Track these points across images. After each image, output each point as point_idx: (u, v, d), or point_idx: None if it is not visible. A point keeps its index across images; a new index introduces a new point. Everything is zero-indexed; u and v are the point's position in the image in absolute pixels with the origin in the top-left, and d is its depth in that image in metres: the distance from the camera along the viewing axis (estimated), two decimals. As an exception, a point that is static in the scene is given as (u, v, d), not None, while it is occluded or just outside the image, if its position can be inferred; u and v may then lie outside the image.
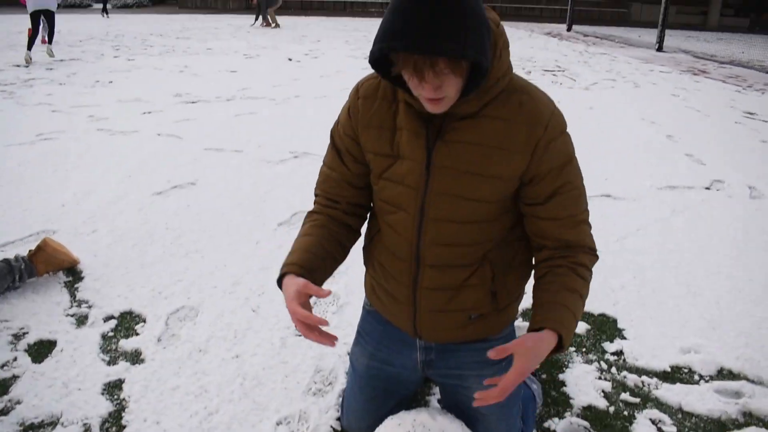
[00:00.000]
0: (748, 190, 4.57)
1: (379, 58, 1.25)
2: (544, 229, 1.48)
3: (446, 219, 1.45)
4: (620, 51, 15.75)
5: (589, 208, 1.53)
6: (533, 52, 14.48)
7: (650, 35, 19.90)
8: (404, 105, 1.44)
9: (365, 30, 19.65)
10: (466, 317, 1.57)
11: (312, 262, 1.49)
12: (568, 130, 1.47)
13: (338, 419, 2.04)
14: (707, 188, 4.57)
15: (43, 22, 10.89)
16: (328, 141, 1.63)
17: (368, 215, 1.68)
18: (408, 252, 1.51)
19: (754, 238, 3.68)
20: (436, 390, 2.15)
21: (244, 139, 5.46)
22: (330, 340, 1.39)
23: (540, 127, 1.37)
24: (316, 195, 1.66)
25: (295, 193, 4.12)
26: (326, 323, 1.34)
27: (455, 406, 1.74)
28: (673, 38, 20.49)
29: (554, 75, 10.43)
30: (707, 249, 3.49)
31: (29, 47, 10.48)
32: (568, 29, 23.40)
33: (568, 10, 23.90)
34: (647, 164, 5.10)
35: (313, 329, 1.37)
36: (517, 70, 10.68)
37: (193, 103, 7.14)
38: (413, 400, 2.11)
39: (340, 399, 2.12)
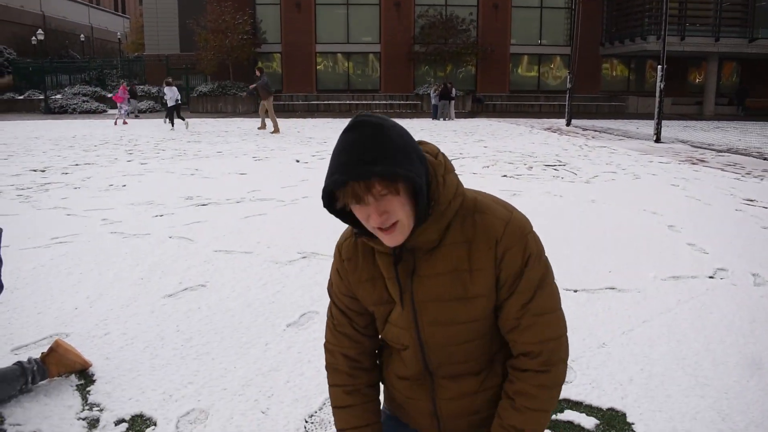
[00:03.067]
0: (752, 277, 4.62)
1: (330, 201, 1.40)
2: (503, 327, 1.55)
3: (445, 344, 1.55)
4: (619, 143, 16.14)
5: (594, 302, 1.59)
6: (534, 147, 14.86)
7: (648, 127, 20.42)
8: (378, 255, 1.55)
9: (370, 129, 20.19)
10: (488, 417, 1.63)
11: None
12: (569, 229, 1.56)
13: None
14: (711, 277, 4.62)
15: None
16: (334, 242, 1.72)
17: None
18: (419, 373, 1.61)
19: (761, 325, 3.70)
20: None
21: (254, 241, 5.59)
22: None
23: (494, 240, 1.46)
24: (330, 350, 1.71)
25: (303, 294, 4.19)
26: None
27: None
28: (670, 129, 20.99)
29: (555, 170, 10.68)
30: (714, 339, 3.51)
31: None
32: (568, 124, 24.04)
33: (567, 105, 24.65)
34: (650, 255, 5.17)
35: None
36: (519, 165, 10.97)
37: (203, 205, 7.33)
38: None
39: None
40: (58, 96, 33.95)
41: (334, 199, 1.40)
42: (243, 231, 5.99)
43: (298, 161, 11.83)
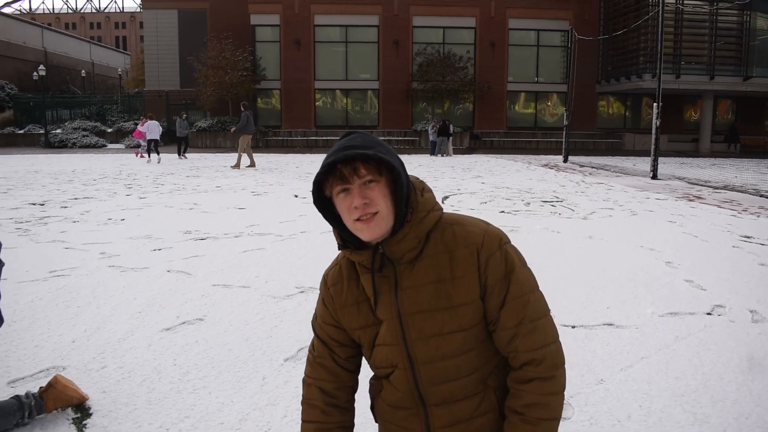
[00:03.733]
0: (750, 314, 4.62)
1: (320, 195, 1.52)
2: (501, 340, 1.55)
3: (434, 358, 1.55)
4: (616, 180, 16.25)
5: (593, 338, 1.59)
6: (531, 183, 14.96)
7: (644, 163, 20.57)
8: (362, 276, 1.59)
9: (368, 165, 20.30)
10: None
11: None
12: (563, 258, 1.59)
13: None
14: (709, 314, 4.62)
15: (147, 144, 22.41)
16: None
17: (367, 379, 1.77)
18: (412, 401, 1.59)
19: (759, 362, 3.69)
20: None
21: (252, 275, 5.60)
22: None
23: (475, 247, 1.51)
24: (308, 384, 1.72)
25: (301, 328, 4.19)
26: None
27: None
28: (667, 165, 21.16)
29: (553, 206, 10.73)
30: (712, 375, 3.50)
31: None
32: (565, 160, 24.22)
33: (564, 142, 24.86)
34: (648, 291, 5.18)
35: None
36: (516, 201, 11.01)
37: (202, 239, 7.35)
38: None
39: None
40: (58, 131, 34.17)
41: (323, 193, 1.52)
42: (241, 265, 5.99)
43: (296, 196, 11.89)
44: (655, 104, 17.12)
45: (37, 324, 4.29)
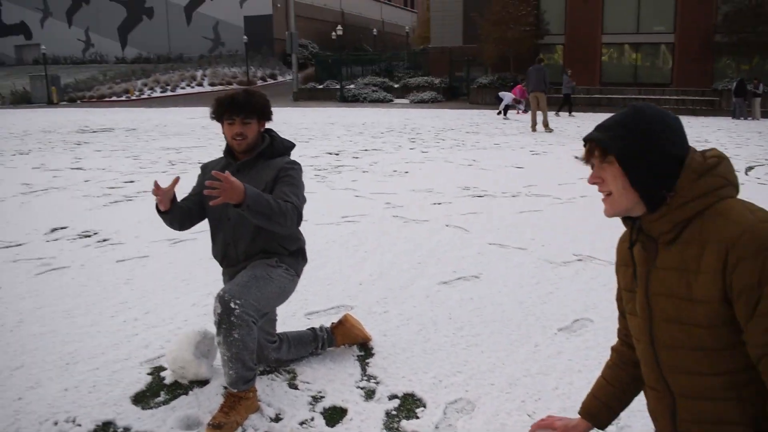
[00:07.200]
0: None
1: None
2: (751, 354, 1.40)
3: (673, 345, 1.51)
4: None
5: None
6: None
7: None
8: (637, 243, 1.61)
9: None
10: None
11: (596, 407, 1.87)
12: None
13: None
14: None
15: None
16: (613, 247, 1.84)
17: None
18: (658, 382, 1.59)
19: None
20: None
21: (528, 237, 5.53)
22: None
23: (726, 244, 1.36)
24: (612, 348, 1.93)
25: (577, 298, 4.03)
26: None
27: None
28: None
29: None
30: None
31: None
32: None
33: None
34: None
35: None
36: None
37: (479, 197, 7.46)
38: None
39: None
40: (351, 86, 37.08)
41: None
42: (518, 226, 5.96)
43: (577, 158, 11.46)
44: None
45: (330, 264, 4.73)
